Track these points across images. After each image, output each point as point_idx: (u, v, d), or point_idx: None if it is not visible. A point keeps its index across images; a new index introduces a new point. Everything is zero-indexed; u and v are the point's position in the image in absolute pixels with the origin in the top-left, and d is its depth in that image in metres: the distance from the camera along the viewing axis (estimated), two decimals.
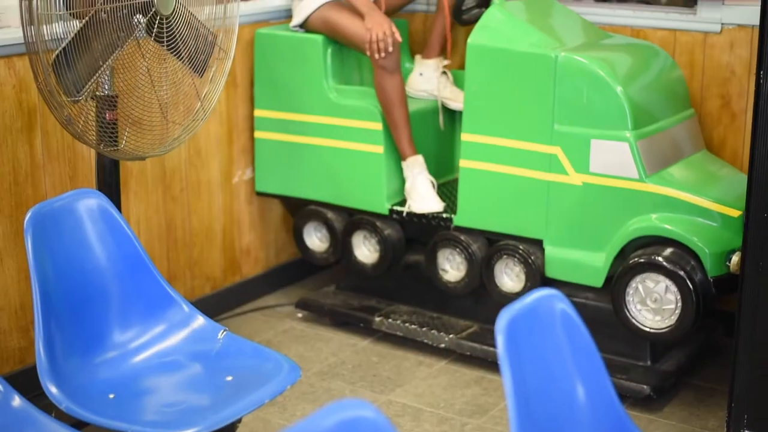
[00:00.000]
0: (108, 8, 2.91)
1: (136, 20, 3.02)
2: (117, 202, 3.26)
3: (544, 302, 1.97)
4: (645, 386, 3.59)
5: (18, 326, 3.59)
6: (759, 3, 2.94)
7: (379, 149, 4.07)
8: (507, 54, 3.74)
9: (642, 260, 3.52)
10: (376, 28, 3.90)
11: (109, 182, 3.28)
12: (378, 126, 4.06)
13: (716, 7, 3.98)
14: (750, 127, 3.04)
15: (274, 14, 4.43)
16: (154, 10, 3.03)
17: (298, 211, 4.36)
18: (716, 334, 4.00)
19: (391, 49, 3.92)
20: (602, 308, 3.74)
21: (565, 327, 1.99)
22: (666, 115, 3.78)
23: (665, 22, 4.10)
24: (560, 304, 2.00)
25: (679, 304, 3.49)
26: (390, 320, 4.09)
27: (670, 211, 3.54)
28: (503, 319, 1.86)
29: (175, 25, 3.12)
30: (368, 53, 3.95)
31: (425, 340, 4.01)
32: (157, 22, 3.05)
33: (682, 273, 3.46)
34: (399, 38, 3.93)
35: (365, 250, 4.20)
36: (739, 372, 3.08)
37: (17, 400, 2.42)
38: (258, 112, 4.34)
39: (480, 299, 4.01)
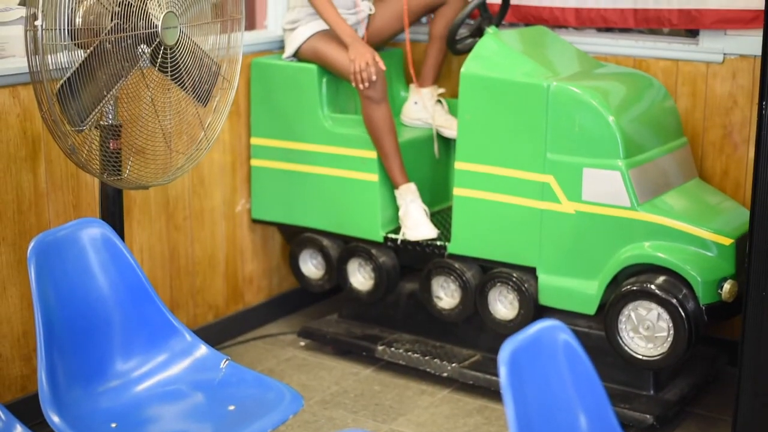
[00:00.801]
0: (113, 39, 2.93)
1: (140, 50, 3.03)
2: (120, 231, 3.27)
3: (546, 333, 1.97)
4: (648, 416, 3.58)
5: (20, 354, 3.59)
6: (761, 34, 2.96)
7: (374, 177, 4.09)
8: (500, 83, 3.77)
9: (634, 288, 3.54)
10: (359, 59, 3.92)
11: (113, 211, 3.29)
12: (372, 154, 4.08)
13: (718, 38, 4.00)
14: (753, 157, 3.05)
15: (277, 44, 4.46)
16: (158, 40, 3.04)
17: (294, 238, 4.38)
18: (719, 362, 3.99)
19: (374, 78, 3.92)
20: (604, 337, 3.73)
21: (567, 358, 1.99)
22: (658, 144, 3.80)
23: (668, 52, 4.11)
24: (563, 334, 2.00)
25: (671, 331, 3.50)
26: (392, 349, 4.09)
27: (662, 239, 3.56)
28: (506, 350, 1.86)
29: (179, 55, 3.14)
30: (353, 84, 3.97)
31: (428, 369, 4.00)
32: (161, 52, 3.07)
33: (674, 301, 3.48)
34: (383, 67, 3.94)
35: (360, 278, 4.21)
36: (742, 401, 3.07)
37: (19, 429, 2.42)
38: (254, 140, 4.36)
39: (483, 328, 4.01)
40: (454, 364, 3.96)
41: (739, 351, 3.07)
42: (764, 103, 2.96)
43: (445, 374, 3.97)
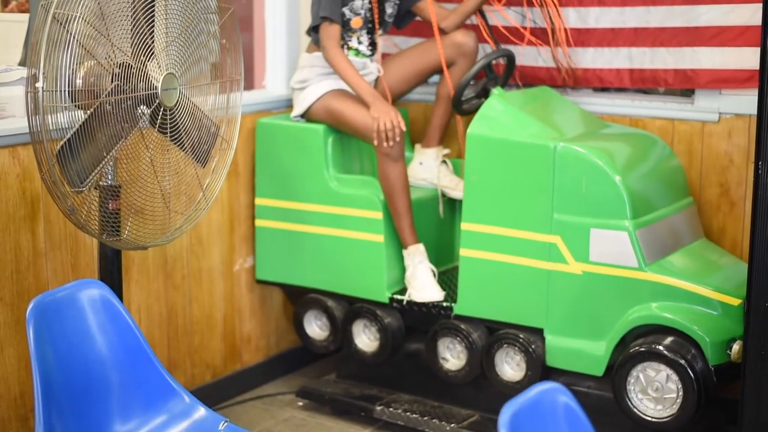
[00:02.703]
0: (113, 100, 2.94)
1: (140, 111, 3.05)
2: (119, 291, 3.26)
3: (546, 396, 1.97)
4: None
5: (17, 415, 3.57)
6: (756, 93, 2.98)
7: (380, 238, 4.08)
8: (506, 144, 3.78)
9: (643, 349, 3.52)
10: (384, 117, 3.94)
11: (111, 271, 3.29)
12: (378, 215, 4.08)
13: (714, 97, 4.03)
14: (749, 215, 3.06)
15: (274, 104, 4.48)
16: (158, 101, 3.06)
17: (299, 299, 4.36)
18: (719, 422, 3.97)
19: (398, 138, 3.95)
20: (605, 397, 3.72)
21: (568, 420, 1.98)
22: (665, 204, 3.80)
23: (663, 111, 4.14)
24: (563, 397, 1.99)
25: (681, 393, 3.48)
26: (391, 409, 4.07)
27: (670, 300, 3.55)
28: (506, 413, 1.85)
29: (179, 116, 3.16)
30: (375, 142, 3.98)
31: (426, 430, 3.98)
32: (161, 113, 3.09)
33: (683, 362, 3.46)
34: (404, 127, 3.97)
35: (365, 339, 4.19)
36: None
37: None
38: (259, 201, 4.36)
39: (481, 388, 3.99)
40: (453, 425, 3.94)
41: (739, 410, 3.07)
42: (760, 162, 2.98)
43: None
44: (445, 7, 4.29)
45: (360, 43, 4.21)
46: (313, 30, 4.18)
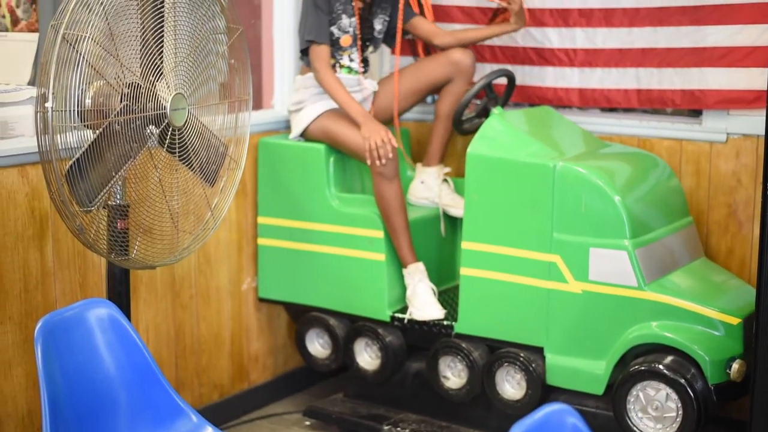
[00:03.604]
0: (122, 120, 2.95)
1: (149, 131, 3.06)
2: (127, 311, 3.27)
3: (554, 416, 1.97)
4: None
5: None
6: (764, 113, 2.98)
7: (381, 257, 4.09)
8: (506, 163, 3.79)
9: (642, 368, 3.53)
10: (374, 136, 3.95)
11: (119, 291, 3.29)
12: (379, 234, 4.09)
13: (721, 117, 4.04)
14: (758, 236, 3.06)
15: (284, 123, 4.49)
16: (167, 121, 3.07)
17: (301, 317, 4.37)
18: None
19: (390, 155, 3.96)
20: (609, 416, 3.71)
21: None
22: (664, 224, 3.81)
23: (671, 131, 4.15)
24: (571, 418, 1.99)
25: (680, 411, 3.49)
26: (398, 429, 4.06)
27: (670, 319, 3.56)
28: None
29: (187, 135, 3.17)
30: (367, 161, 4.00)
31: None
32: (169, 133, 3.09)
33: (682, 381, 3.46)
34: (395, 144, 3.98)
35: (367, 357, 4.20)
36: None
37: None
38: (261, 220, 4.38)
39: (489, 408, 3.98)
40: None
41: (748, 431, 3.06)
42: None
43: None
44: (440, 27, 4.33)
45: (352, 60, 4.24)
46: (303, 52, 4.20)
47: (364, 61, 4.30)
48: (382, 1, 4.27)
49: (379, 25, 4.28)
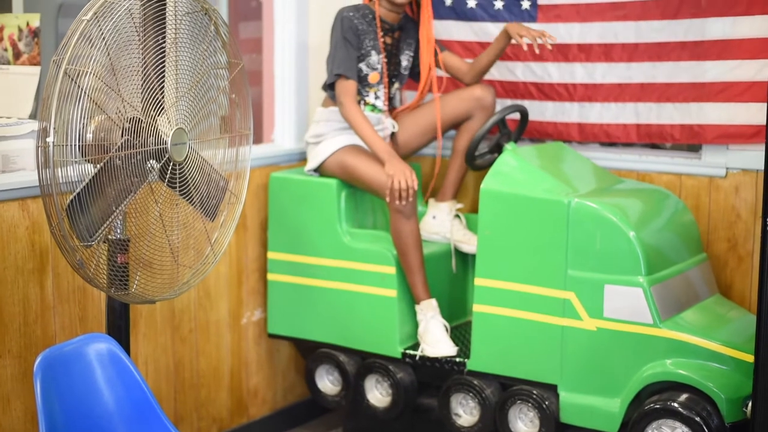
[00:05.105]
0: (122, 155, 2.96)
1: (149, 166, 3.06)
2: (126, 345, 3.26)
3: None
4: None
5: None
6: (763, 148, 2.99)
7: (392, 293, 4.08)
8: (520, 199, 3.78)
9: (658, 406, 3.50)
10: (399, 176, 3.94)
11: (119, 325, 3.28)
12: (391, 270, 4.07)
13: (721, 152, 4.04)
14: (757, 270, 3.06)
15: (283, 158, 4.50)
16: (167, 156, 3.07)
17: (311, 353, 4.34)
18: None
19: (411, 198, 3.96)
20: None
21: None
22: (679, 260, 3.80)
23: (671, 166, 4.15)
24: None
25: None
26: None
27: (685, 357, 3.53)
28: None
29: (188, 170, 3.17)
30: (388, 199, 3.99)
31: None
32: (170, 167, 3.10)
33: (698, 419, 3.43)
34: (416, 187, 3.97)
35: (378, 394, 4.17)
36: None
37: None
38: (271, 255, 4.36)
39: None
40: None
41: None
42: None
43: None
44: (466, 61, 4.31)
45: (377, 98, 4.23)
46: (329, 86, 4.20)
47: (390, 99, 4.30)
48: (408, 36, 4.28)
49: (405, 61, 4.29)
